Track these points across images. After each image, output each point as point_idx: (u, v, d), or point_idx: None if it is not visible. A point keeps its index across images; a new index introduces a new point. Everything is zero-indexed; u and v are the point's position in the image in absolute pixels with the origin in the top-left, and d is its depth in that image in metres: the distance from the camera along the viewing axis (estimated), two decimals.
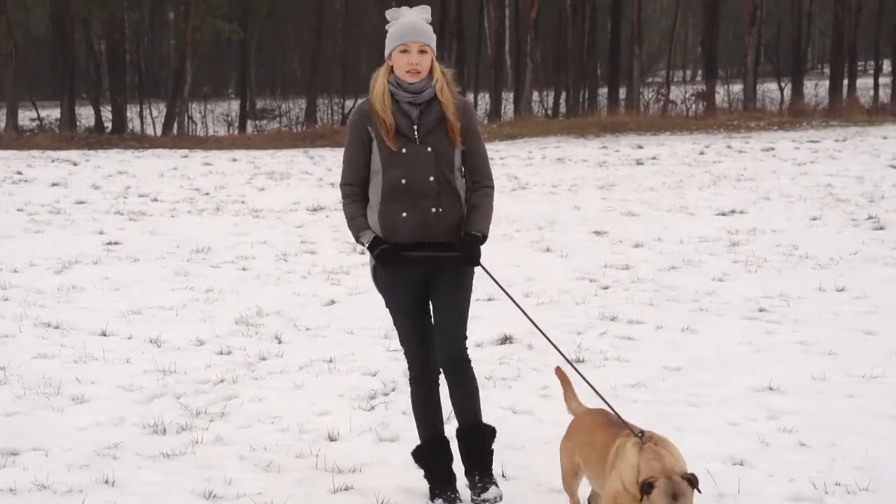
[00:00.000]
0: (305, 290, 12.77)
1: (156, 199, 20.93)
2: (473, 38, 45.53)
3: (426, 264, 6.22)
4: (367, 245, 6.21)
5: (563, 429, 7.84)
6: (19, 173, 25.33)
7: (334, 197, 20.75)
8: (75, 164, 27.67)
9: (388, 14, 6.24)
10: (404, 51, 6.07)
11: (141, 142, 36.55)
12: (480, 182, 6.29)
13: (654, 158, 26.75)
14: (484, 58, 45.46)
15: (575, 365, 9.34)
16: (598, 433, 5.68)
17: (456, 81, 6.33)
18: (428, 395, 6.47)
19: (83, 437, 7.78)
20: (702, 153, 27.59)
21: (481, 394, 8.62)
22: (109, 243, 16.03)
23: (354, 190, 6.29)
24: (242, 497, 6.69)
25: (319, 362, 9.68)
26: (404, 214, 6.09)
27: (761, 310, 11.43)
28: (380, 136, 6.10)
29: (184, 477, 7.03)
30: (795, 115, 37.28)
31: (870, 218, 16.90)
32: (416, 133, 6.10)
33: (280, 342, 10.42)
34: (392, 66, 6.16)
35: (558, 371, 6.54)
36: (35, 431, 7.90)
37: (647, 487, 4.96)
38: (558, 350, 6.37)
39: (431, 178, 6.09)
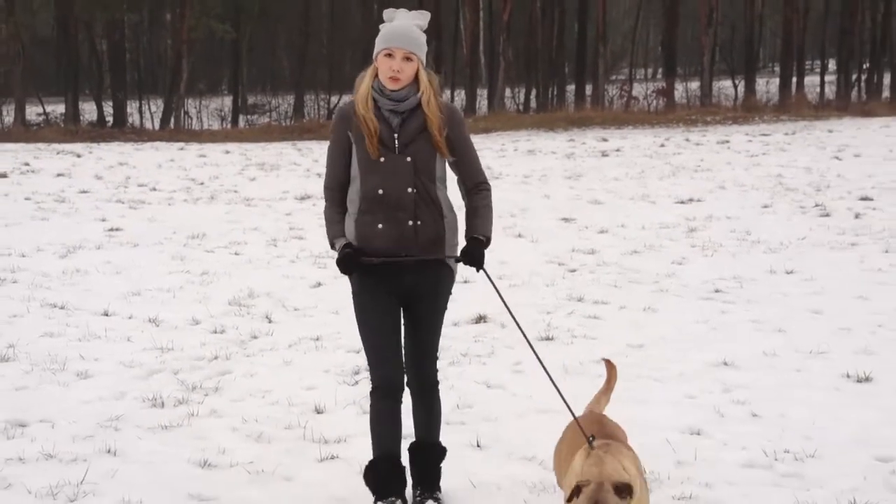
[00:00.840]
0: (294, 273, 12.74)
1: (154, 189, 20.83)
2: (450, 37, 45.64)
3: (390, 275, 5.56)
4: (337, 252, 5.66)
5: (534, 401, 7.83)
6: (26, 164, 25.25)
7: (320, 187, 20.63)
8: (79, 156, 27.56)
9: (385, 14, 5.59)
10: (388, 55, 5.42)
11: (140, 135, 36.43)
12: (476, 186, 5.69)
13: (617, 150, 26.79)
14: (460, 56, 45.45)
15: (544, 343, 9.44)
16: (579, 437, 5.09)
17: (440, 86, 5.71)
18: (388, 410, 5.71)
19: (87, 409, 7.75)
20: (662, 146, 27.65)
21: (458, 370, 8.60)
22: (111, 230, 15.98)
23: (334, 194, 5.79)
24: (235, 465, 6.67)
25: (307, 340, 9.67)
26: (380, 226, 5.50)
27: (717, 291, 11.45)
28: (359, 141, 5.52)
29: (181, 447, 7.01)
30: (748, 110, 37.43)
31: (816, 206, 16.94)
32: (395, 142, 5.47)
33: (270, 322, 10.41)
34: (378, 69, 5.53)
35: (608, 364, 6.16)
36: (42, 405, 7.88)
37: (575, 491, 4.54)
38: (534, 351, 5.77)
39: (410, 190, 5.47)
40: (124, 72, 45.94)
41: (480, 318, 10.18)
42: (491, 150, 27.32)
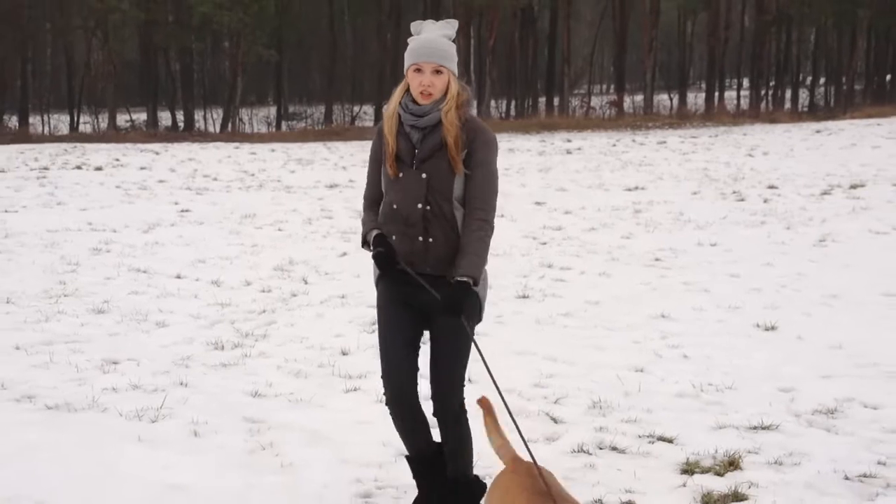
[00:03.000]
0: (325, 245, 12.73)
1: (215, 179, 20.79)
2: None
3: (410, 287, 4.33)
4: (371, 243, 4.42)
5: (511, 346, 7.84)
6: (117, 160, 25.22)
7: (346, 177, 20.67)
8: (157, 154, 27.50)
9: (413, 26, 4.43)
10: (417, 70, 4.25)
11: (204, 137, 36.34)
12: (474, 216, 4.24)
13: (579, 149, 26.74)
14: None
15: (522, 301, 9.47)
16: (521, 500, 3.59)
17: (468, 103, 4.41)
18: (400, 419, 4.46)
19: (164, 351, 7.78)
20: (614, 145, 27.59)
21: None
22: (182, 211, 15.99)
23: (370, 205, 4.54)
24: (279, 395, 6.68)
25: (335, 298, 9.67)
26: (394, 238, 4.34)
27: (656, 259, 11.46)
28: (385, 158, 4.44)
29: (237, 380, 7.04)
30: (681, 118, 37.40)
31: (734, 192, 16.95)
32: (414, 159, 4.28)
33: (306, 283, 10.42)
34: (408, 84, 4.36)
35: (482, 401, 4.26)
36: (129, 347, 7.91)
37: None
38: (498, 389, 4.00)
39: (420, 206, 4.27)
40: (192, 87, 45.80)
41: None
42: None
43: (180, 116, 44.29)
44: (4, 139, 34.15)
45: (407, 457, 4.63)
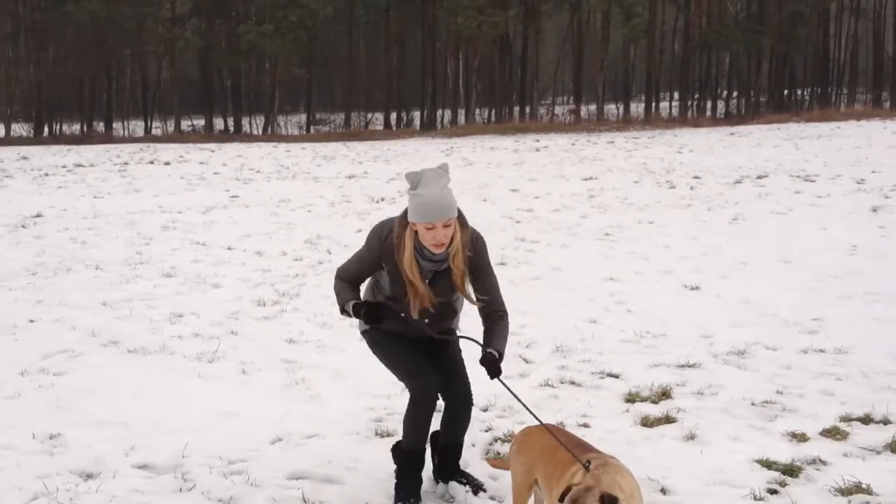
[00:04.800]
0: (345, 224, 12.62)
1: (258, 171, 20.60)
2: (441, 76, 45.19)
3: (404, 327, 3.89)
4: (351, 313, 3.87)
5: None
6: (181, 156, 24.97)
7: (361, 170, 20.52)
8: (213, 151, 27.26)
9: (408, 177, 3.65)
10: (430, 227, 3.59)
11: (250, 138, 35.99)
12: (494, 310, 3.84)
13: (546, 147, 26.57)
14: (447, 88, 44.94)
15: (500, 267, 9.45)
16: (560, 453, 3.33)
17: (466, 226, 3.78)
18: (425, 417, 3.93)
19: (218, 307, 7.74)
20: (573, 144, 27.42)
21: None
22: (232, 196, 15.82)
23: (346, 280, 3.95)
24: (309, 342, 6.66)
25: None
26: (402, 315, 3.85)
27: (606, 234, 11.41)
28: (393, 273, 3.76)
29: (276, 330, 7.00)
30: (625, 123, 37.14)
31: (667, 182, 16.85)
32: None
33: (330, 253, 10.34)
34: (416, 231, 3.65)
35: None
36: (192, 304, 7.88)
37: (565, 491, 3.00)
38: (532, 414, 3.74)
39: (426, 319, 3.84)
40: (241, 98, 45.38)
41: None
42: (467, 147, 27.08)
43: (231, 122, 43.95)
44: (93, 140, 34.08)
45: (407, 452, 3.99)
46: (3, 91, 40.26)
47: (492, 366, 3.67)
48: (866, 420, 4.92)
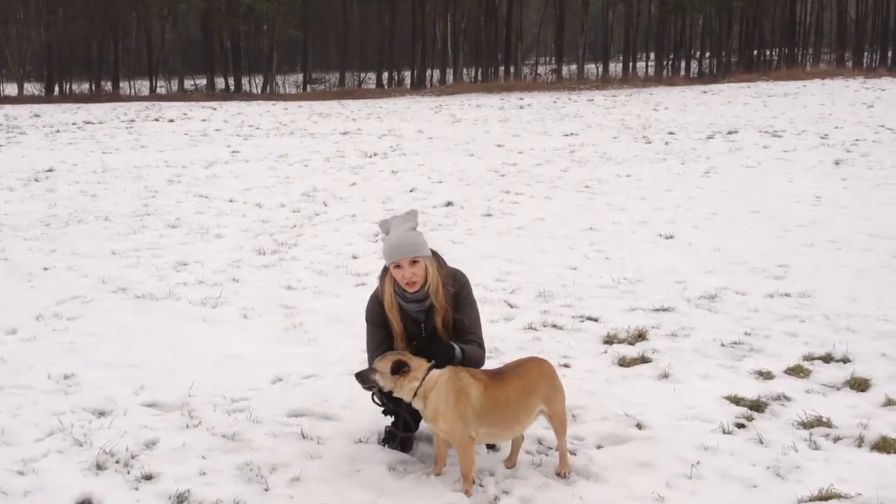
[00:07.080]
0: (340, 177, 12.48)
1: (258, 128, 20.35)
2: (431, 37, 44.51)
3: None
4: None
5: (479, 251, 7.76)
6: (185, 114, 24.63)
7: (355, 126, 20.27)
8: (214, 109, 26.89)
9: (380, 225, 3.72)
10: (397, 266, 3.59)
11: (249, 97, 35.56)
12: (474, 340, 3.69)
13: (529, 105, 26.32)
14: (436, 49, 44.29)
15: (486, 217, 9.39)
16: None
17: (442, 264, 3.74)
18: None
19: (221, 256, 7.67)
20: (555, 102, 27.16)
21: (435, 234, 8.47)
22: (233, 152, 15.64)
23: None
24: (307, 288, 6.61)
25: (347, 216, 9.51)
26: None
27: (586, 186, 11.34)
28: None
29: (276, 277, 6.95)
30: (604, 82, 36.79)
31: (643, 137, 16.76)
32: (423, 333, 3.69)
33: (325, 205, 10.24)
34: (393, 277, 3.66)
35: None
36: (195, 252, 7.80)
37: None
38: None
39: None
40: (240, 59, 44.64)
41: (448, 203, 10.00)
42: (455, 105, 26.79)
43: (231, 81, 43.28)
44: (102, 99, 33.64)
45: (402, 437, 3.87)
46: (15, 51, 39.55)
47: (438, 349, 3.54)
48: (827, 359, 4.92)
